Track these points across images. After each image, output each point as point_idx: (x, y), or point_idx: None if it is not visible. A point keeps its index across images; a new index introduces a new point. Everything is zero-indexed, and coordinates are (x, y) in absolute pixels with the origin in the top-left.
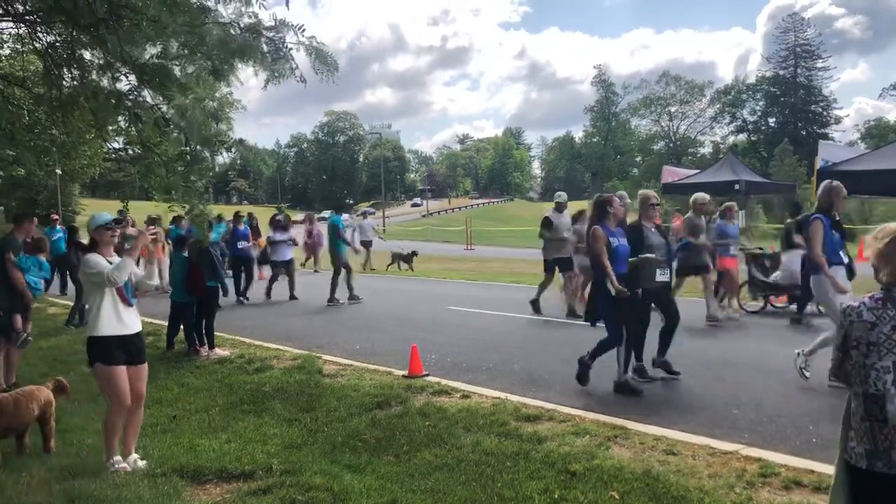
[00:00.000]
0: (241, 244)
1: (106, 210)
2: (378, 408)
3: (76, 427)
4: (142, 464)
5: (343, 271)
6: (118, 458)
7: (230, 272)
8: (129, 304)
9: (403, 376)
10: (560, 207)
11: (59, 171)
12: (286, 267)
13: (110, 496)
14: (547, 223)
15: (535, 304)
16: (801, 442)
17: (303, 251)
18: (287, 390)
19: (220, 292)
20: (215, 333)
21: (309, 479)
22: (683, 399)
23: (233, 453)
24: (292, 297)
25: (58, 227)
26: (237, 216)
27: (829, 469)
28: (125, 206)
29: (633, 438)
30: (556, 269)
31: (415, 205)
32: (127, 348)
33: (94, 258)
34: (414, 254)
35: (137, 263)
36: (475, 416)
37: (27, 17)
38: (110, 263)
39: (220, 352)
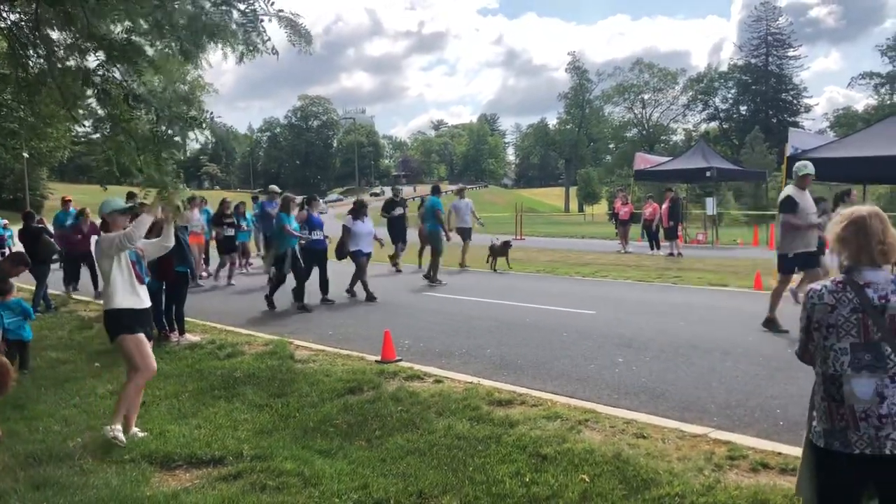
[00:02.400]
0: (317, 234)
1: (72, 192)
2: (350, 393)
3: (42, 413)
4: (142, 435)
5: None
6: (119, 427)
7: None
8: (143, 282)
9: (376, 361)
10: (803, 182)
11: (26, 155)
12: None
13: (77, 482)
14: (790, 204)
15: (771, 323)
16: (769, 425)
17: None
18: (258, 376)
19: (189, 277)
20: (185, 319)
21: (280, 465)
22: (654, 383)
23: (203, 439)
24: (350, 291)
25: (72, 209)
26: (312, 200)
27: (796, 451)
28: (104, 188)
29: (603, 422)
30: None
31: (374, 194)
32: (140, 322)
33: (107, 235)
34: (507, 245)
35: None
36: (447, 400)
37: None
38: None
39: (190, 337)
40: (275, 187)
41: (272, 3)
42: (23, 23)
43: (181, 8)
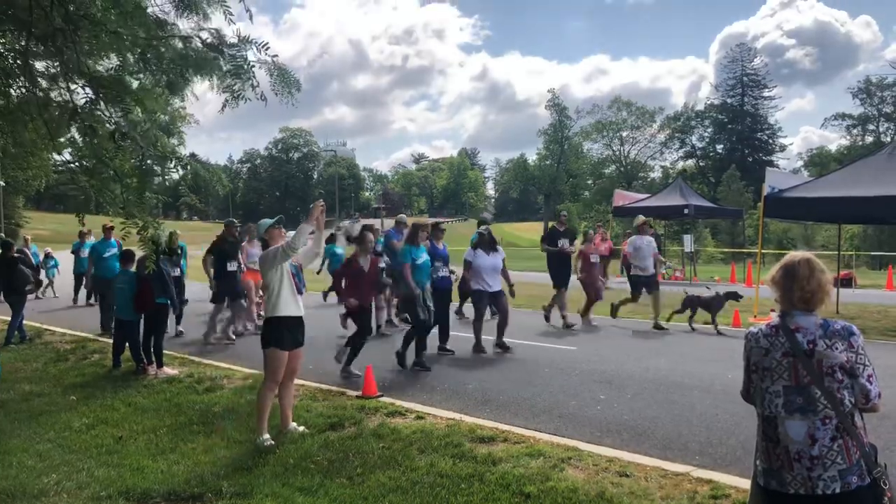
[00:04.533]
0: (444, 270)
1: (48, 221)
2: (331, 429)
3: (16, 448)
4: (301, 429)
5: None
6: (267, 436)
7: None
8: (301, 293)
9: (357, 397)
10: None
11: (2, 183)
12: (496, 301)
13: None
14: None
15: None
16: (750, 463)
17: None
18: (238, 410)
19: (171, 310)
20: (164, 352)
21: (260, 502)
22: (635, 421)
23: (181, 475)
24: (501, 344)
25: (112, 240)
26: (437, 229)
27: None
28: (80, 216)
29: (586, 460)
30: None
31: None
32: (297, 330)
33: (270, 248)
34: (731, 297)
35: None
36: (430, 437)
37: None
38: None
39: (168, 371)
40: (403, 216)
41: (266, 49)
42: (7, 52)
43: (170, 46)
